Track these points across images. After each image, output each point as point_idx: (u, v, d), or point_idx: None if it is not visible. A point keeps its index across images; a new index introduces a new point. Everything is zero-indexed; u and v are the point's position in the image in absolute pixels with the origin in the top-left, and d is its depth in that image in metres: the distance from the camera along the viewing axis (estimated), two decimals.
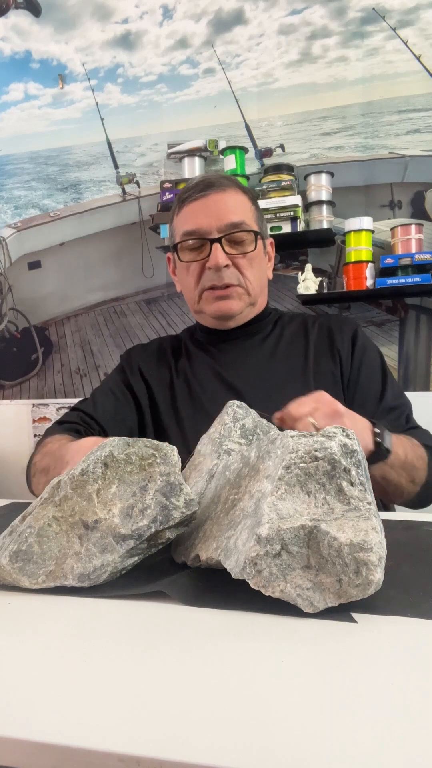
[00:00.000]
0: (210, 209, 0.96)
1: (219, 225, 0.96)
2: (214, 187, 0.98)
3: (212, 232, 0.96)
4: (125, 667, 0.38)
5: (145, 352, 1.12)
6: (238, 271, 0.98)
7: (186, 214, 0.99)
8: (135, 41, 2.15)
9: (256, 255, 1.00)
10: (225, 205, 0.97)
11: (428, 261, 1.72)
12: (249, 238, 0.98)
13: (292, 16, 1.98)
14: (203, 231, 0.96)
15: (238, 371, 1.02)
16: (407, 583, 0.50)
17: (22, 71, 2.27)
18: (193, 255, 0.99)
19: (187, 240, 0.98)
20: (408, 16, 1.88)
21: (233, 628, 0.44)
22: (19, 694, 0.36)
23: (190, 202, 0.99)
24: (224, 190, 0.98)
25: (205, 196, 0.97)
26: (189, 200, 0.99)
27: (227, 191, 0.98)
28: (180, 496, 0.53)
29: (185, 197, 1.00)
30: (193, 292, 1.01)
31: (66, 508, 0.53)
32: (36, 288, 2.30)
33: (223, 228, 0.96)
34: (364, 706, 0.33)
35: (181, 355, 1.09)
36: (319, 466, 0.47)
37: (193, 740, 0.30)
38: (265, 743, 0.30)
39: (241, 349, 1.04)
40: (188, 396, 1.02)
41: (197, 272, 0.99)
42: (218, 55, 2.07)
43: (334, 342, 1.03)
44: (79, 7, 2.17)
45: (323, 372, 1.00)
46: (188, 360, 1.07)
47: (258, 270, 1.01)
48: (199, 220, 0.96)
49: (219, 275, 0.96)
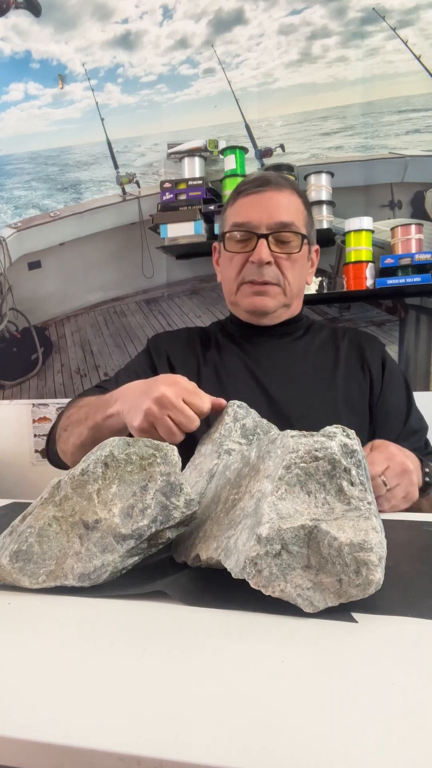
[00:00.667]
0: (263, 205, 0.98)
1: (269, 222, 0.97)
2: (271, 185, 0.99)
3: (261, 228, 0.97)
4: (125, 667, 0.38)
5: (172, 339, 1.13)
6: (279, 271, 0.99)
7: (239, 206, 1.00)
8: (135, 41, 2.15)
9: (299, 258, 1.00)
10: (278, 204, 0.98)
11: (428, 261, 1.72)
12: (296, 240, 0.99)
13: (292, 16, 1.98)
14: (253, 225, 0.97)
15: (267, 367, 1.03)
16: (407, 583, 0.50)
17: (22, 71, 2.27)
18: (239, 247, 1.00)
19: (235, 231, 0.99)
20: (408, 16, 1.88)
21: (233, 628, 0.44)
22: (19, 694, 0.36)
23: (245, 195, 1.00)
24: (280, 190, 0.99)
25: (261, 192, 0.99)
26: (244, 193, 1.00)
27: (283, 191, 0.99)
28: (180, 496, 0.53)
29: (242, 190, 1.02)
30: (233, 283, 1.02)
31: (66, 508, 0.53)
32: (36, 288, 2.30)
33: (273, 225, 0.97)
34: (364, 706, 0.33)
35: (210, 346, 1.09)
36: (320, 466, 0.47)
37: (193, 740, 0.30)
38: (265, 743, 0.30)
39: (273, 346, 1.05)
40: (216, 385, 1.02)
41: (240, 264, 1.00)
42: (218, 55, 2.07)
43: (365, 357, 1.05)
44: (79, 7, 2.18)
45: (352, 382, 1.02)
46: (218, 350, 1.08)
47: (299, 273, 1.02)
48: (251, 214, 0.98)
49: (260, 271, 0.97)
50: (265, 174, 1.03)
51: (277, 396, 0.98)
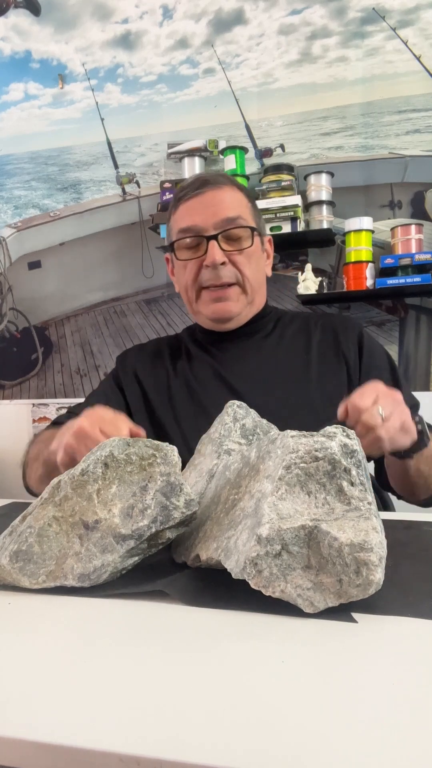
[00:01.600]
0: (206, 206, 0.96)
1: (215, 221, 0.95)
2: (209, 185, 0.97)
3: (208, 229, 0.95)
4: (125, 667, 0.38)
5: (141, 354, 1.11)
6: (235, 269, 0.97)
7: (182, 212, 0.99)
8: (135, 41, 2.15)
9: (253, 251, 0.98)
10: (221, 202, 0.96)
11: (428, 261, 1.72)
12: (245, 234, 0.97)
13: (292, 16, 1.98)
14: (199, 228, 0.96)
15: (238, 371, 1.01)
16: (407, 583, 0.50)
17: (22, 71, 2.27)
18: (190, 253, 0.98)
19: (183, 238, 0.97)
20: (408, 16, 1.88)
21: (233, 628, 0.44)
22: (19, 694, 0.36)
23: (186, 200, 0.98)
24: (220, 187, 0.97)
25: (201, 193, 0.97)
26: (185, 198, 0.99)
27: (223, 188, 0.98)
28: (180, 496, 0.53)
29: (181, 195, 1.00)
30: (191, 291, 1.00)
31: (66, 508, 0.53)
32: (36, 288, 2.30)
33: (219, 224, 0.95)
34: (364, 706, 0.33)
35: (181, 356, 1.08)
36: (320, 466, 0.47)
37: (193, 740, 0.30)
38: (265, 743, 0.30)
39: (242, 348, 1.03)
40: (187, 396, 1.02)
41: (194, 271, 0.98)
42: (218, 55, 2.07)
43: (340, 344, 1.02)
44: (79, 7, 2.17)
45: (328, 373, 0.99)
46: (188, 360, 1.07)
47: (256, 267, 1.00)
48: (195, 217, 0.96)
49: (216, 273, 0.95)
50: (201, 175, 1.02)
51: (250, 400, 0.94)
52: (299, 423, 0.51)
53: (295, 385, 0.97)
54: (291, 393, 0.97)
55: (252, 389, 0.98)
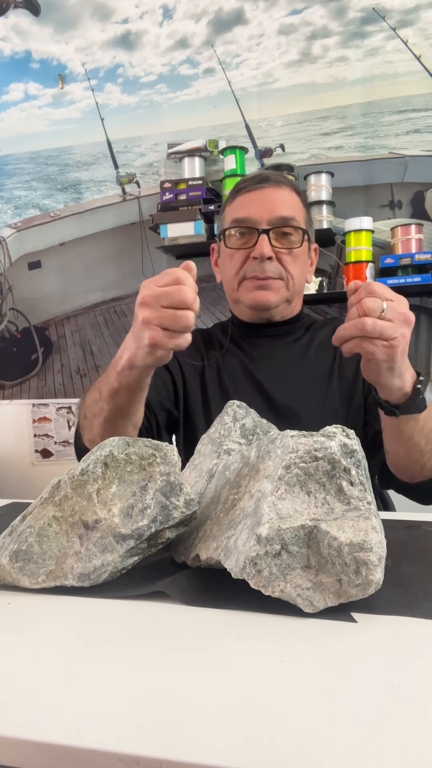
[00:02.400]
0: (263, 201, 0.97)
1: (270, 217, 0.96)
2: (270, 182, 0.99)
3: (261, 223, 0.96)
4: (125, 667, 0.38)
5: None
6: (281, 266, 0.98)
7: (238, 203, 1.00)
8: (135, 41, 2.15)
9: (300, 253, 1.00)
10: (278, 200, 0.98)
11: (428, 261, 1.72)
12: (297, 236, 0.98)
13: (292, 16, 1.98)
14: (253, 220, 0.97)
15: (267, 369, 1.03)
16: (407, 583, 0.50)
17: (22, 71, 2.27)
18: (240, 243, 0.99)
19: (235, 227, 0.99)
20: (408, 16, 1.88)
21: (233, 628, 0.44)
22: (19, 694, 0.36)
23: (244, 192, 1.00)
24: (280, 186, 0.99)
25: (260, 188, 0.98)
26: (243, 191, 1.00)
27: (283, 188, 1.00)
28: (180, 496, 0.53)
29: (240, 188, 1.02)
30: (233, 280, 1.01)
31: (66, 508, 0.53)
32: (36, 288, 2.30)
33: (273, 220, 0.96)
34: (363, 706, 0.33)
35: (213, 347, 1.09)
36: (319, 465, 0.47)
37: (193, 740, 0.30)
38: (265, 743, 0.30)
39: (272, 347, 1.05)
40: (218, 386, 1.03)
41: (241, 261, 0.99)
42: (218, 55, 2.07)
43: None
44: (79, 7, 2.17)
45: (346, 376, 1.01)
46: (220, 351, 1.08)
47: (300, 269, 1.01)
48: (251, 210, 0.97)
49: (262, 267, 0.96)
50: (263, 172, 1.04)
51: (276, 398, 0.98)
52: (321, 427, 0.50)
53: (319, 388, 0.99)
54: (315, 396, 0.98)
55: (277, 389, 0.99)
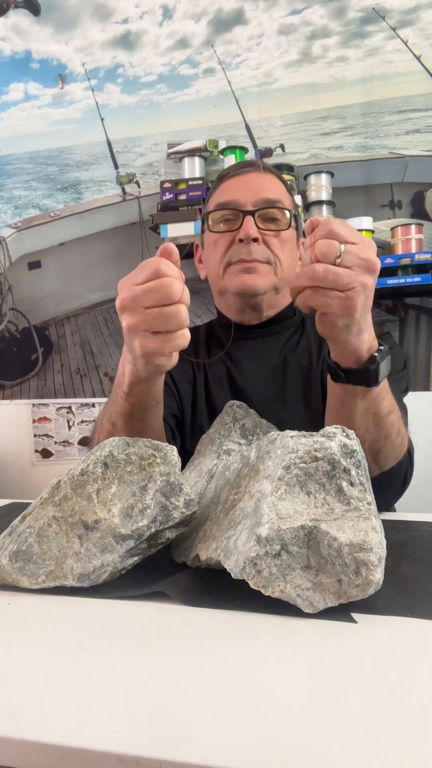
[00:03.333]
0: (248, 184, 0.95)
1: (255, 199, 0.93)
2: (254, 167, 0.98)
3: (247, 205, 0.93)
4: (125, 667, 0.38)
5: None
6: (269, 250, 0.93)
7: (222, 189, 0.98)
8: (135, 41, 2.15)
9: (289, 238, 0.95)
10: (263, 183, 0.95)
11: (428, 261, 1.72)
12: (284, 219, 0.94)
13: (292, 16, 1.98)
14: (238, 203, 0.94)
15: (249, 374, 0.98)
16: (407, 583, 0.50)
17: (22, 71, 2.27)
18: (225, 227, 0.96)
19: (220, 210, 0.95)
20: (408, 16, 1.88)
21: (233, 628, 0.44)
22: (19, 694, 0.36)
23: (228, 178, 0.98)
24: (265, 173, 0.98)
25: (245, 173, 0.97)
26: (227, 177, 0.99)
27: (268, 174, 0.98)
28: (180, 496, 0.53)
29: (224, 174, 1.00)
30: (218, 267, 0.96)
31: (66, 508, 0.53)
32: (36, 288, 2.30)
33: (259, 203, 0.93)
34: (364, 706, 0.33)
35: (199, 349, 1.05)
36: (319, 466, 0.47)
37: (193, 740, 0.30)
38: (264, 743, 0.30)
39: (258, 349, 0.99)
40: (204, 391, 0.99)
41: (225, 246, 0.95)
42: (218, 55, 2.07)
43: None
44: (79, 7, 2.17)
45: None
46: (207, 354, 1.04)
47: (290, 255, 0.96)
48: (236, 193, 0.95)
49: (248, 249, 0.92)
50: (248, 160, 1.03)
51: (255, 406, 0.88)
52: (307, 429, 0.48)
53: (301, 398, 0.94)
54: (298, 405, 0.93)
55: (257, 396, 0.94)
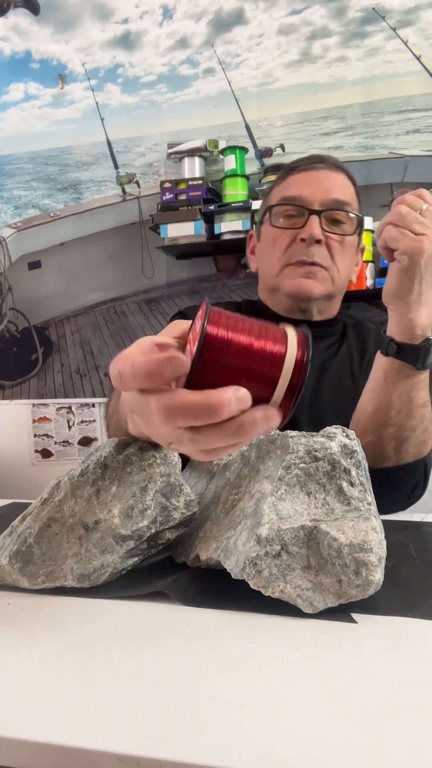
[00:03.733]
0: (318, 181, 0.89)
1: (323, 198, 0.88)
2: (326, 163, 0.92)
3: (314, 203, 0.88)
4: (125, 667, 0.38)
5: None
6: (329, 253, 0.89)
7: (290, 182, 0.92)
8: (135, 41, 2.14)
9: (351, 244, 0.91)
10: (334, 182, 0.90)
11: None
12: (350, 223, 0.89)
13: (292, 16, 1.98)
14: (305, 200, 0.88)
15: None
16: (407, 583, 0.50)
17: (22, 71, 2.27)
18: (288, 223, 0.90)
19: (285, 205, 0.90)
20: (408, 16, 1.88)
21: (233, 628, 0.44)
22: (19, 694, 0.36)
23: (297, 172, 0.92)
24: (336, 170, 0.92)
25: (316, 169, 0.91)
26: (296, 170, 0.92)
27: (339, 172, 0.92)
28: (180, 497, 0.53)
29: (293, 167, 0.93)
30: (276, 264, 0.91)
31: (66, 509, 0.53)
32: (36, 288, 2.30)
33: (327, 203, 0.88)
34: (364, 706, 0.33)
35: None
36: (319, 466, 0.47)
37: (193, 740, 0.30)
38: (264, 743, 0.30)
39: None
40: None
41: (286, 243, 0.90)
42: (218, 55, 2.07)
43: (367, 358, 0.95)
44: (79, 7, 2.17)
45: None
46: None
47: (348, 262, 0.92)
48: (303, 189, 0.89)
49: (309, 250, 0.87)
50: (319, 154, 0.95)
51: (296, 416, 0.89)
52: None
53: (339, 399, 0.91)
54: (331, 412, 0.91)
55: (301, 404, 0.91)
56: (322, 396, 0.92)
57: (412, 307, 0.69)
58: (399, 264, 0.67)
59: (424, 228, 0.65)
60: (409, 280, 0.67)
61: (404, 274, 0.67)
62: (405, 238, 0.65)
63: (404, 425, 0.73)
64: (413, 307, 0.69)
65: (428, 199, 0.67)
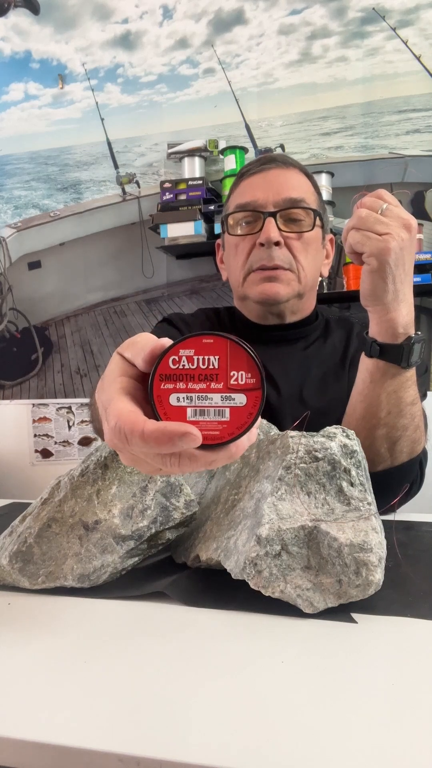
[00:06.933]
0: (269, 183, 0.89)
1: (276, 200, 0.88)
2: (276, 162, 0.91)
3: (267, 206, 0.88)
4: (125, 667, 0.38)
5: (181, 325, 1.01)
6: (290, 253, 0.89)
7: (242, 188, 0.92)
8: (135, 41, 2.14)
9: (312, 239, 0.90)
10: (286, 181, 0.89)
11: (428, 261, 1.72)
12: (307, 219, 0.89)
13: (292, 16, 1.98)
14: (258, 204, 0.89)
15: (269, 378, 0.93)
16: (407, 583, 0.50)
17: (22, 71, 2.27)
18: (245, 230, 0.91)
19: (239, 212, 0.90)
20: (408, 16, 1.88)
21: (233, 628, 0.44)
22: (19, 694, 0.36)
23: (248, 176, 0.92)
24: (287, 168, 0.91)
25: (266, 170, 0.91)
26: (248, 174, 0.92)
27: (290, 169, 0.92)
28: (180, 497, 0.53)
29: (244, 171, 0.94)
30: (239, 273, 0.92)
31: (66, 509, 0.53)
32: (36, 288, 2.30)
33: (280, 203, 0.88)
34: (364, 706, 0.33)
35: None
36: (320, 466, 0.47)
37: (193, 740, 0.30)
38: (264, 743, 0.30)
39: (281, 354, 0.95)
40: None
41: (246, 250, 0.90)
42: (218, 55, 2.07)
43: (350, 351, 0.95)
44: (79, 7, 2.17)
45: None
46: None
47: (313, 258, 0.91)
48: (256, 193, 0.89)
49: (269, 253, 0.87)
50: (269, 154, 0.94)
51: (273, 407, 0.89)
52: None
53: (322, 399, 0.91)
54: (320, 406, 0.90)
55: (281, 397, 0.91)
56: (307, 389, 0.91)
57: (390, 307, 0.69)
58: (369, 267, 0.66)
59: (387, 227, 0.65)
60: (382, 280, 0.67)
61: (376, 275, 0.67)
62: (369, 241, 0.65)
63: (396, 425, 0.72)
64: (392, 306, 0.69)
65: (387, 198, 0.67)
